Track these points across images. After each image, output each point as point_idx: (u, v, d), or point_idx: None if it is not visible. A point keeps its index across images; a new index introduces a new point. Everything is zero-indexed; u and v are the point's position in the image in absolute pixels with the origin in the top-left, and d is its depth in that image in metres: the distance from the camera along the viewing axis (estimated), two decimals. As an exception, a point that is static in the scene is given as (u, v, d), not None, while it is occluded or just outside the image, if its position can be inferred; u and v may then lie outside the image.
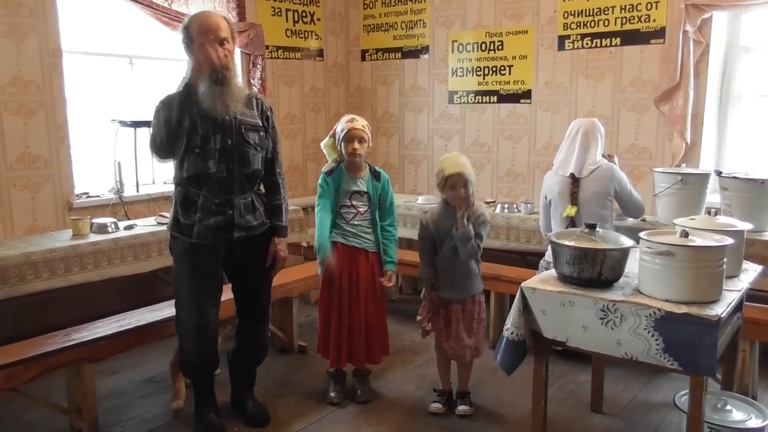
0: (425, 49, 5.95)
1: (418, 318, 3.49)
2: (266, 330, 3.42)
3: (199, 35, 2.86)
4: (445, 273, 3.37)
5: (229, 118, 2.95)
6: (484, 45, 5.57)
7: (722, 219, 2.99)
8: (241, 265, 3.20)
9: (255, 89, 5.41)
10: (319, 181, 3.50)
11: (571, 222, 3.75)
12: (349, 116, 3.48)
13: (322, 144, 3.59)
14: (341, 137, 3.42)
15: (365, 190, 3.49)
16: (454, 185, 3.24)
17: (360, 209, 3.49)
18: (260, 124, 3.08)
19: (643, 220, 4.15)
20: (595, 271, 2.55)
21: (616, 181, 3.76)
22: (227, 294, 3.30)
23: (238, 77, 3.02)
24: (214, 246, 3.03)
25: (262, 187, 3.21)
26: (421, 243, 3.44)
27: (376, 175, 3.56)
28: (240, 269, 3.23)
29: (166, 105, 2.90)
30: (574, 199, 3.76)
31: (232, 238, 3.04)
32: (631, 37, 4.83)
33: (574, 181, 3.78)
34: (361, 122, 3.45)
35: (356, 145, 3.40)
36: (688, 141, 4.60)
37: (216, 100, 2.87)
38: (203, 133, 2.92)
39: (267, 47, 5.57)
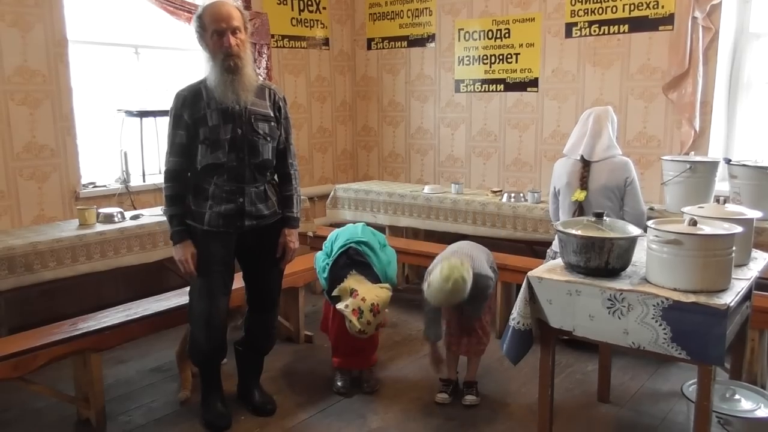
0: (431, 38, 5.91)
1: (432, 361, 3.51)
2: (275, 320, 3.43)
3: (212, 23, 2.89)
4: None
5: (239, 107, 2.96)
6: (490, 33, 5.53)
7: (731, 207, 2.96)
8: (252, 255, 3.22)
9: (261, 78, 5.39)
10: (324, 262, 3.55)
11: (579, 208, 3.72)
12: (357, 322, 3.17)
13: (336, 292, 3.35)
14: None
15: None
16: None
17: None
18: (271, 115, 3.08)
19: (651, 209, 4.12)
20: (602, 260, 2.53)
21: (629, 173, 3.69)
22: (238, 282, 3.32)
23: (251, 66, 3.03)
24: (225, 233, 3.04)
25: (276, 177, 3.22)
26: (425, 308, 3.38)
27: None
28: (251, 259, 3.24)
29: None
30: (583, 183, 3.72)
31: (243, 226, 3.05)
32: (639, 24, 4.78)
33: (585, 165, 3.74)
34: (372, 328, 3.23)
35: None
36: (697, 129, 4.56)
37: (227, 88, 2.91)
38: (213, 124, 2.93)
39: (272, 36, 5.54)
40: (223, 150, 2.94)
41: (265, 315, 3.34)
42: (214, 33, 2.89)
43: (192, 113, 2.94)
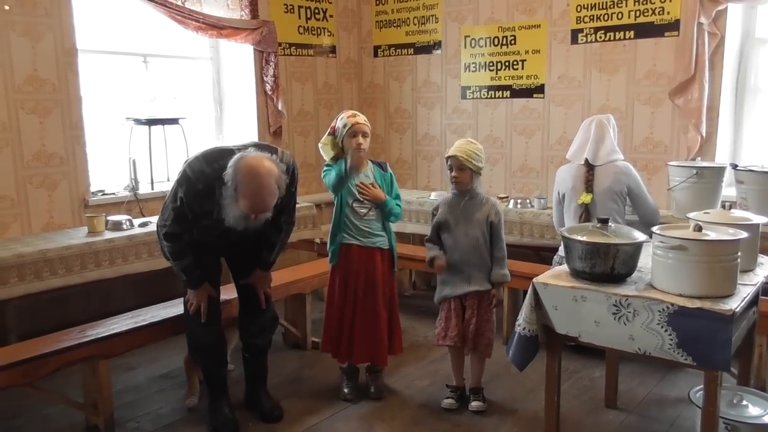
0: (438, 45, 5.93)
1: (435, 335, 3.48)
2: (269, 317, 3.44)
3: (247, 207, 2.81)
4: (459, 264, 3.36)
5: None
6: (496, 40, 5.54)
7: (737, 212, 2.96)
8: (241, 255, 3.29)
9: (268, 86, 5.42)
10: (324, 168, 3.50)
11: (586, 212, 3.74)
12: (349, 111, 3.46)
13: (320, 144, 3.53)
14: (344, 133, 3.39)
15: (371, 179, 3.49)
16: (451, 167, 3.33)
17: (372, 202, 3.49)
18: (275, 205, 2.97)
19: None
20: (607, 265, 2.54)
21: (631, 178, 3.75)
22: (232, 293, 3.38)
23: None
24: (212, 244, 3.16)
25: None
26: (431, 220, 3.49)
27: (381, 167, 3.58)
28: (240, 259, 3.31)
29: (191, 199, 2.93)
30: (588, 187, 3.75)
31: (231, 238, 3.13)
32: (645, 30, 4.78)
33: (589, 169, 3.78)
34: (362, 117, 3.43)
35: (360, 139, 3.38)
36: (704, 134, 4.55)
37: (241, 224, 2.90)
38: (216, 217, 2.93)
39: (280, 44, 5.57)
40: (215, 237, 3.06)
41: (259, 313, 3.38)
42: (247, 211, 2.83)
43: (199, 206, 2.92)
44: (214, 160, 2.90)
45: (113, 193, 4.71)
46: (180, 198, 2.92)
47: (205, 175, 2.88)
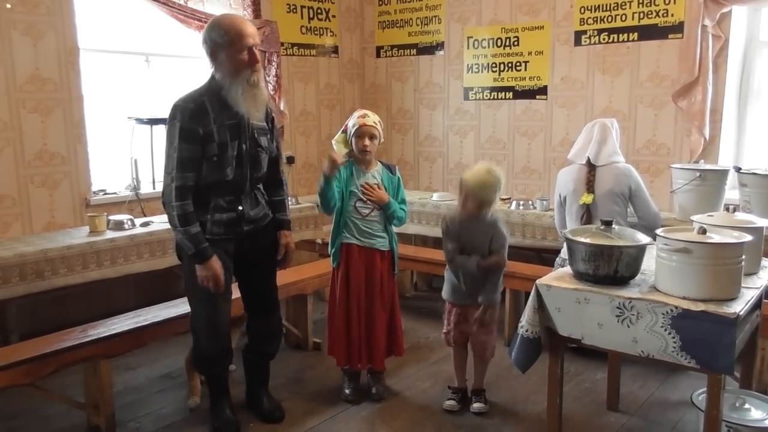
0: (440, 46, 5.93)
1: (444, 331, 3.49)
2: (277, 322, 3.43)
3: (241, 39, 2.89)
4: (463, 280, 3.35)
5: (245, 123, 2.98)
6: (499, 41, 5.54)
7: (741, 216, 2.95)
8: (248, 259, 3.23)
9: (270, 86, 5.41)
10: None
11: (587, 213, 3.73)
12: (361, 111, 3.47)
13: (333, 140, 3.57)
14: (352, 132, 3.40)
15: (378, 180, 3.48)
16: (466, 197, 3.29)
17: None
18: (267, 127, 3.15)
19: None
20: (611, 268, 2.53)
21: (632, 179, 3.74)
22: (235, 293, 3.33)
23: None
24: (225, 240, 3.06)
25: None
26: (444, 240, 3.40)
27: (390, 169, 3.57)
28: (247, 263, 3.25)
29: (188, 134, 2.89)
30: (590, 187, 3.75)
31: (242, 232, 3.08)
32: (648, 32, 4.77)
33: (591, 169, 3.77)
34: (373, 118, 3.42)
35: (367, 141, 3.38)
36: (707, 137, 4.55)
37: (250, 103, 2.93)
38: (220, 141, 2.92)
39: (282, 44, 5.57)
40: (231, 167, 2.96)
41: (267, 318, 3.35)
42: (244, 49, 2.90)
43: (199, 126, 2.89)
44: (194, 89, 3.05)
45: (115, 193, 4.70)
46: (179, 128, 2.88)
47: (193, 97, 2.96)
